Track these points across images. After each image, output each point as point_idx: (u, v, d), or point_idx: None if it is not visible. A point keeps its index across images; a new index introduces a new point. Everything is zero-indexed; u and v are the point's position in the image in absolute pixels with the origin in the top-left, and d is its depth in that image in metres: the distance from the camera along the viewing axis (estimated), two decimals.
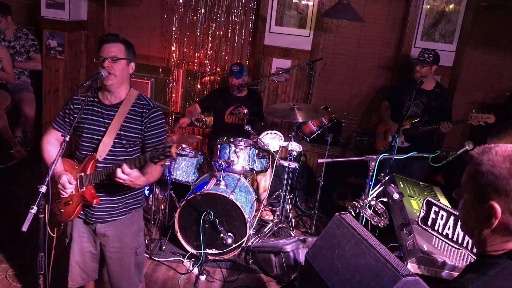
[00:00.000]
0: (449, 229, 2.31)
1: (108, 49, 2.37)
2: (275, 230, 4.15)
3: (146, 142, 2.48)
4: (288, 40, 5.10)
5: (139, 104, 2.46)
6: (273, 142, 4.09)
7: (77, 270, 2.63)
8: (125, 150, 2.46)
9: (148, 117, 2.44)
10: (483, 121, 3.73)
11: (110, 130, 2.40)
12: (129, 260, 2.64)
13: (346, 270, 2.20)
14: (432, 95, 4.24)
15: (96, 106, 2.46)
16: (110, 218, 2.53)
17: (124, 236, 2.59)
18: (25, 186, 4.54)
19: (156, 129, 2.47)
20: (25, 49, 5.00)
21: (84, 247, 2.60)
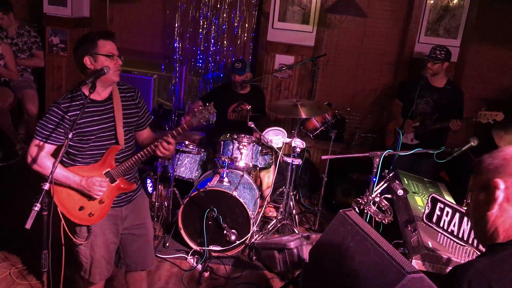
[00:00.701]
0: (455, 226, 2.29)
1: (114, 46, 2.41)
2: (278, 226, 4.14)
3: (141, 120, 2.61)
4: (291, 36, 5.08)
5: (125, 90, 2.54)
6: (277, 139, 4.08)
7: (104, 264, 2.62)
8: (132, 134, 2.58)
9: (137, 98, 2.57)
10: (492, 119, 3.69)
11: (117, 121, 2.46)
12: (151, 233, 2.81)
13: (351, 266, 2.19)
14: (443, 92, 4.19)
15: (91, 106, 2.38)
16: (133, 196, 2.64)
17: (143, 210, 2.73)
18: (29, 183, 4.53)
19: (144, 106, 2.63)
20: (28, 46, 5.00)
21: (108, 239, 2.59)
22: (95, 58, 2.32)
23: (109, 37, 2.39)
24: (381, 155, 2.78)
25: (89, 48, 2.32)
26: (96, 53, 2.32)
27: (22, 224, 1.97)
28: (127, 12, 5.40)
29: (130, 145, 2.55)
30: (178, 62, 5.42)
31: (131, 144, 2.55)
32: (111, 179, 2.45)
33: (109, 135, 2.45)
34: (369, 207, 2.66)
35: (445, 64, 4.16)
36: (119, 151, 2.47)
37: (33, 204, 2.03)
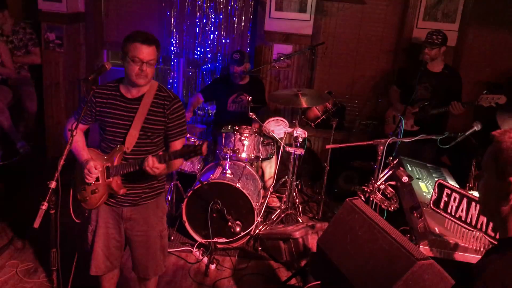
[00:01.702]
0: (463, 211, 2.30)
1: (147, 52, 2.37)
2: (282, 216, 4.15)
3: (169, 132, 2.55)
4: (289, 25, 5.04)
5: (160, 96, 2.50)
6: (278, 129, 4.08)
7: (102, 257, 2.65)
8: (151, 142, 2.53)
9: (169, 108, 2.49)
10: (494, 102, 3.67)
11: (135, 123, 2.45)
12: (154, 243, 2.68)
13: (359, 255, 2.21)
14: (441, 77, 4.19)
15: (118, 100, 2.49)
16: (139, 202, 2.59)
17: (150, 219, 2.64)
18: (30, 181, 4.53)
19: (178, 119, 2.54)
20: (24, 43, 4.96)
21: (109, 234, 2.63)
22: (123, 56, 2.40)
23: (144, 42, 2.37)
24: (385, 142, 2.78)
25: (124, 46, 2.40)
26: (125, 52, 2.39)
27: (25, 222, 1.98)
28: (122, 5, 5.35)
29: (145, 150, 2.51)
30: (175, 54, 5.38)
31: (146, 150, 2.51)
32: (107, 174, 2.47)
33: (120, 133, 2.48)
34: (375, 195, 2.66)
35: (442, 48, 4.16)
36: (128, 152, 2.47)
37: (40, 203, 2.03)
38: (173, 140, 2.57)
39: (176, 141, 2.57)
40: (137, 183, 2.54)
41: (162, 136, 2.56)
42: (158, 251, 2.72)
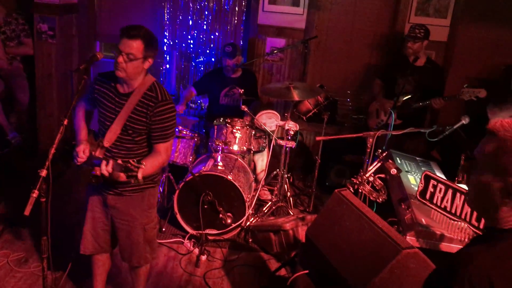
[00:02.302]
0: (448, 202, 2.34)
1: (127, 45, 2.35)
2: (273, 209, 4.18)
3: (151, 133, 2.50)
4: (282, 19, 5.07)
5: (148, 96, 2.46)
6: (270, 122, 4.10)
7: (89, 238, 2.70)
8: (132, 140, 2.50)
9: (153, 111, 2.44)
10: (475, 96, 3.75)
11: (118, 118, 2.45)
12: (137, 234, 2.68)
13: (347, 245, 2.24)
14: (423, 71, 4.24)
15: (111, 91, 2.51)
16: (123, 193, 2.59)
17: (133, 211, 2.64)
18: (22, 172, 4.53)
19: (161, 123, 2.46)
20: (16, 34, 4.93)
21: (96, 217, 2.68)
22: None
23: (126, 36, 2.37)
24: (374, 135, 2.81)
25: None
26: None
27: (16, 212, 2.00)
28: None
29: (127, 147, 2.50)
30: (169, 47, 5.38)
31: (128, 147, 2.50)
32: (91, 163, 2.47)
33: (105, 125, 2.50)
34: (364, 187, 2.70)
35: (425, 42, 4.24)
36: (108, 147, 2.46)
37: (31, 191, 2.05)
38: (154, 143, 2.51)
39: (157, 145, 2.51)
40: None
41: (145, 136, 2.52)
42: (141, 242, 2.72)
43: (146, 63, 2.44)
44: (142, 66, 2.43)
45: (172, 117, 2.51)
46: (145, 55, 2.40)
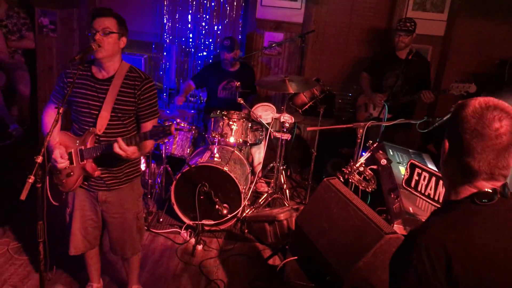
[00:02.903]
0: (431, 189, 2.40)
1: (101, 22, 2.39)
2: (269, 200, 4.24)
3: (140, 113, 2.54)
4: (280, 13, 5.12)
5: (131, 77, 2.50)
6: (266, 114, 4.15)
7: (79, 238, 2.71)
8: (122, 123, 2.52)
9: (140, 89, 2.49)
10: (465, 91, 3.78)
11: (105, 104, 2.46)
12: (130, 225, 2.73)
13: (333, 231, 2.30)
14: (410, 64, 4.26)
15: (89, 80, 2.50)
16: (112, 186, 2.61)
17: (125, 202, 2.68)
18: (23, 163, 4.61)
19: (149, 100, 2.53)
20: (17, 27, 5.01)
21: (85, 215, 2.68)
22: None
23: (97, 16, 2.41)
24: (364, 125, 2.87)
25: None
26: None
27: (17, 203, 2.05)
28: None
29: (117, 132, 2.51)
30: (168, 42, 5.45)
31: (117, 132, 2.51)
32: (81, 157, 2.48)
33: (91, 114, 2.48)
34: (353, 176, 2.75)
35: (414, 35, 4.27)
36: (100, 134, 2.47)
37: (27, 177, 2.11)
38: (145, 121, 2.56)
39: (147, 122, 2.55)
40: (109, 167, 2.56)
41: (133, 117, 2.56)
42: (134, 232, 2.78)
43: (121, 42, 2.48)
44: (118, 44, 2.47)
45: (156, 94, 2.58)
46: (119, 31, 2.45)
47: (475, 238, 1.25)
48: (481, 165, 1.29)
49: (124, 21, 2.52)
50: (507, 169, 1.31)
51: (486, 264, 1.24)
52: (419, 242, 1.25)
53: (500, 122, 1.27)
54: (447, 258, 1.21)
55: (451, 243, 1.23)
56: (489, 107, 1.30)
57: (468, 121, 1.30)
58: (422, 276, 1.22)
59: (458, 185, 1.35)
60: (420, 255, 1.23)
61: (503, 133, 1.27)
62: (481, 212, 1.29)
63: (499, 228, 1.28)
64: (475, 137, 1.28)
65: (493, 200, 1.29)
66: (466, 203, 1.31)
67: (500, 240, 1.27)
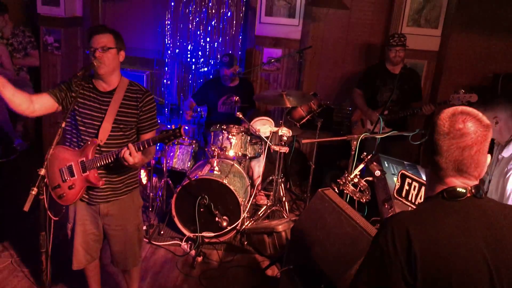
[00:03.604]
0: (421, 199, 2.47)
1: (98, 39, 2.50)
2: (268, 212, 4.31)
3: (141, 124, 2.64)
4: (278, 30, 5.23)
5: (132, 90, 2.61)
6: (264, 128, 4.24)
7: (82, 253, 2.76)
8: (124, 134, 2.60)
9: (142, 101, 2.60)
10: (466, 101, 3.85)
11: (108, 115, 2.54)
12: (132, 236, 2.79)
13: (327, 239, 2.37)
14: (402, 77, 4.36)
15: (92, 92, 2.59)
16: (112, 198, 2.67)
17: (127, 214, 2.75)
18: (28, 178, 4.68)
19: (150, 112, 2.64)
20: (23, 46, 5.15)
21: (87, 229, 2.73)
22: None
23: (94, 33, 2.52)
24: (358, 138, 2.95)
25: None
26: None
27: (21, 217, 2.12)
28: (119, 10, 5.55)
29: (118, 143, 2.57)
30: (170, 58, 5.58)
31: (119, 142, 2.57)
32: (83, 169, 2.53)
33: (93, 125, 2.55)
34: (347, 187, 2.82)
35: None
36: (102, 145, 2.53)
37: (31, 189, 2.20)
38: (145, 132, 2.65)
39: (147, 134, 2.65)
40: (111, 178, 2.63)
41: (134, 129, 2.64)
42: (135, 243, 2.84)
43: (120, 56, 2.59)
44: (118, 58, 2.57)
45: (155, 107, 2.70)
46: (117, 46, 2.55)
47: (437, 227, 1.39)
48: (447, 162, 1.45)
49: (120, 35, 2.62)
50: (476, 169, 1.45)
51: (444, 252, 1.36)
52: (387, 225, 1.42)
53: (464, 123, 1.43)
54: (408, 240, 1.35)
55: (413, 227, 1.37)
56: (457, 112, 1.46)
57: (439, 124, 1.46)
58: (385, 253, 1.38)
59: (433, 183, 1.51)
60: (385, 235, 1.39)
61: (466, 133, 1.43)
62: (448, 206, 1.43)
63: (462, 222, 1.40)
64: (442, 137, 1.44)
65: (462, 197, 1.43)
66: (437, 198, 1.46)
67: (461, 234, 1.38)
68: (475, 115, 1.46)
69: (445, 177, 1.47)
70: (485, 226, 1.41)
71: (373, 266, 1.43)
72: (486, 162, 1.48)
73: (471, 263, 1.36)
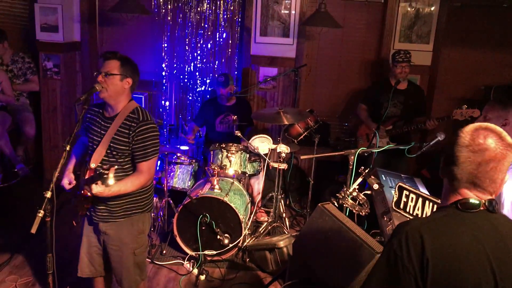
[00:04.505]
0: (419, 210, 2.53)
1: (106, 64, 2.61)
2: (269, 229, 4.34)
3: (134, 153, 2.65)
4: (274, 49, 5.35)
5: (130, 118, 2.64)
6: (263, 145, 4.30)
7: (85, 262, 2.86)
8: (117, 160, 2.64)
9: (135, 131, 2.59)
10: (469, 116, 3.92)
11: (103, 140, 2.62)
12: (127, 259, 2.81)
13: (328, 253, 2.41)
14: (407, 93, 4.48)
15: (99, 117, 2.71)
16: (110, 219, 2.72)
17: (123, 237, 2.77)
18: (29, 202, 4.71)
19: (142, 142, 2.61)
20: (22, 72, 5.23)
21: (91, 242, 2.84)
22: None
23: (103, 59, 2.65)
24: (355, 152, 3.02)
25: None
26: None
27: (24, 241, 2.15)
28: (116, 34, 5.66)
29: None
30: (167, 79, 5.67)
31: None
32: (81, 187, 2.63)
33: (93, 149, 2.67)
34: (347, 201, 2.88)
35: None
36: (93, 169, 2.60)
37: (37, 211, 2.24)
38: (137, 161, 2.64)
39: (140, 164, 2.63)
40: (106, 200, 2.66)
41: (129, 157, 2.66)
42: (131, 267, 2.84)
43: (125, 83, 2.63)
44: (121, 84, 2.62)
45: (153, 137, 2.64)
46: (122, 73, 2.62)
47: (449, 236, 1.43)
48: (462, 173, 1.49)
49: (130, 62, 2.69)
50: (490, 184, 1.50)
51: (455, 261, 1.40)
52: (401, 230, 1.46)
53: (485, 139, 1.48)
54: (422, 246, 1.40)
55: (427, 234, 1.42)
56: (481, 127, 1.52)
57: (461, 136, 1.51)
58: (398, 257, 1.42)
59: (448, 192, 1.55)
60: (400, 240, 1.44)
61: (485, 149, 1.47)
62: (461, 217, 1.48)
63: (474, 234, 1.45)
64: (461, 148, 1.49)
65: (475, 209, 1.48)
66: (451, 208, 1.51)
67: (472, 244, 1.43)
68: (499, 133, 1.50)
69: (459, 188, 1.51)
70: (495, 239, 1.46)
71: (385, 270, 1.46)
72: (504, 180, 1.52)
73: (480, 273, 1.41)
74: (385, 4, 5.19)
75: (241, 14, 5.41)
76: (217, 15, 5.44)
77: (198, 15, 5.48)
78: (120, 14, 4.92)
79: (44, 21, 5.25)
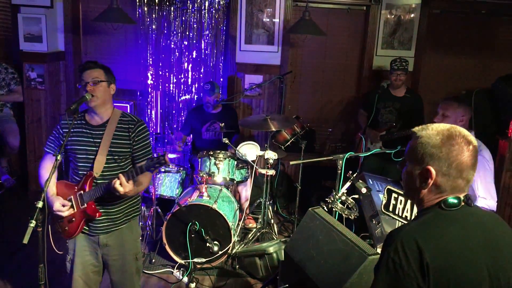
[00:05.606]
0: (407, 212, 2.58)
1: (90, 74, 2.61)
2: (258, 235, 4.36)
3: (135, 154, 2.70)
4: (259, 57, 5.40)
5: (124, 121, 2.69)
6: (250, 152, 4.32)
7: (81, 284, 2.76)
8: (118, 164, 2.67)
9: (135, 131, 2.67)
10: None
11: (101, 148, 2.61)
12: (130, 266, 2.83)
13: (320, 256, 2.45)
14: (404, 100, 4.56)
15: (84, 128, 2.67)
16: (112, 228, 2.71)
17: (125, 243, 2.78)
18: (14, 213, 4.66)
19: (143, 141, 2.71)
20: (6, 82, 5.17)
21: (86, 260, 2.75)
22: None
23: (85, 69, 2.63)
24: (343, 157, 3.07)
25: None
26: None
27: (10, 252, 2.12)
28: (101, 43, 5.64)
29: (113, 174, 2.60)
30: (153, 88, 5.67)
31: (114, 174, 2.58)
32: (81, 201, 2.59)
33: (88, 159, 2.63)
34: (336, 205, 2.92)
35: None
36: (98, 177, 2.60)
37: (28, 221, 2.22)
38: (139, 161, 2.69)
39: (142, 163, 2.63)
40: (107, 209, 2.67)
41: (129, 159, 2.71)
42: (134, 273, 2.87)
43: (111, 89, 2.69)
44: (109, 90, 2.68)
45: (148, 137, 2.76)
46: (108, 80, 2.67)
47: (443, 235, 1.47)
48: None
49: (110, 70, 2.74)
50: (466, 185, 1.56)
51: (453, 259, 1.44)
52: (395, 238, 1.48)
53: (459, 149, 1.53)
54: (419, 250, 1.42)
55: (421, 238, 1.45)
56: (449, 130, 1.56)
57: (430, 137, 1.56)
58: (397, 265, 1.44)
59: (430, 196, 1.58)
60: (396, 248, 1.45)
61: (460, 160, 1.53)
62: (448, 216, 1.52)
63: (463, 229, 1.50)
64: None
65: (457, 206, 1.53)
66: (435, 209, 1.55)
67: (464, 240, 1.48)
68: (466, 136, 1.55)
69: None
70: (482, 232, 1.52)
71: (386, 280, 1.47)
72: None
73: (476, 267, 1.45)
74: (367, 11, 5.30)
75: (226, 22, 5.46)
76: (202, 24, 5.48)
77: (183, 24, 5.52)
78: (105, 24, 4.92)
79: (27, 31, 5.21)
